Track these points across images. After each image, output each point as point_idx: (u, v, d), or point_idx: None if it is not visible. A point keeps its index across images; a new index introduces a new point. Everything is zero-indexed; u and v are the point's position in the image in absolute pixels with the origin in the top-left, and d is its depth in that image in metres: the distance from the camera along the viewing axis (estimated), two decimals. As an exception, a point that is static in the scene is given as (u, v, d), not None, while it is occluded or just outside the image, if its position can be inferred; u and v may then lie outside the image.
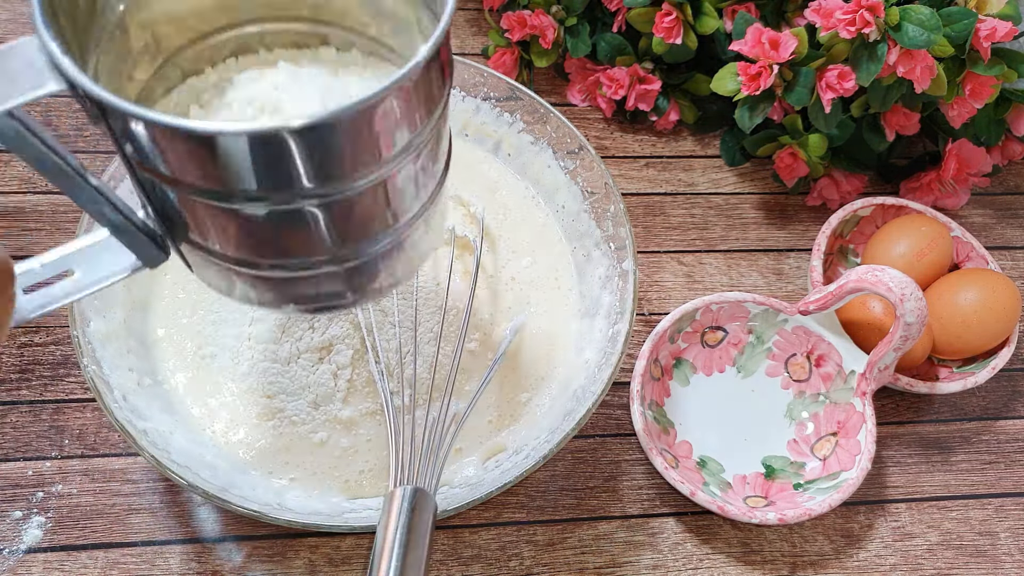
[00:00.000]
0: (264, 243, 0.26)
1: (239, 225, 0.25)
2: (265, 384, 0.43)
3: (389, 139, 0.24)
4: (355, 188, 0.25)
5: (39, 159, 0.23)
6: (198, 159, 0.22)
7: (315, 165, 0.23)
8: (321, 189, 0.24)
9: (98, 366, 0.40)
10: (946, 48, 0.49)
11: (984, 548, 0.47)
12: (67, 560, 0.42)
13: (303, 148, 0.22)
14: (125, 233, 0.27)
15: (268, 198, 0.24)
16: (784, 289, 0.56)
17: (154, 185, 0.25)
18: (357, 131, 0.23)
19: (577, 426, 0.40)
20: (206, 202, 0.24)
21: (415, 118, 0.25)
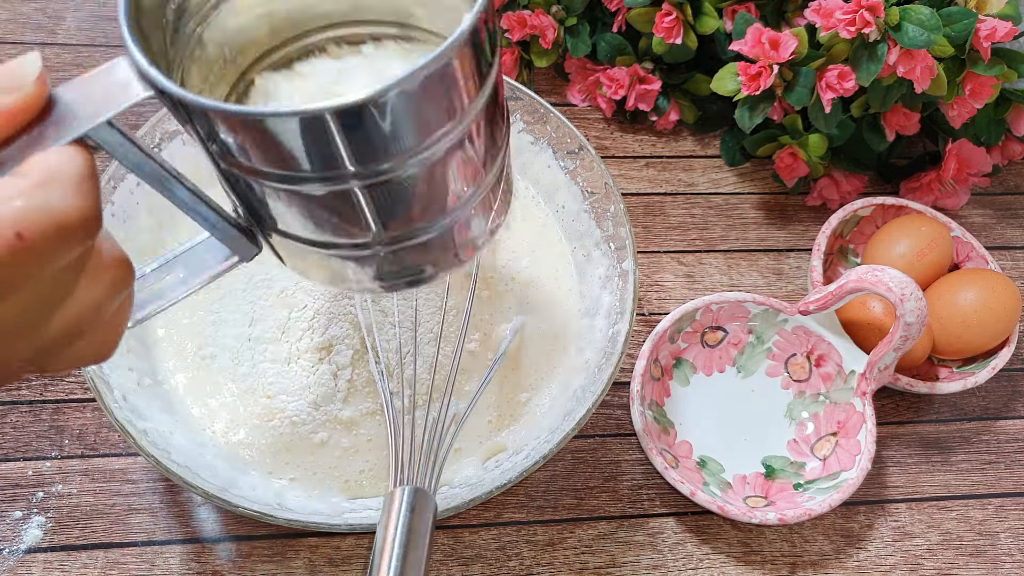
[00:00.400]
0: (346, 222, 0.28)
1: (319, 208, 0.27)
2: (265, 384, 0.43)
3: (431, 115, 0.25)
4: (409, 168, 0.26)
5: (139, 165, 0.25)
6: (269, 144, 0.24)
7: (355, 145, 0.24)
8: (378, 167, 0.25)
9: (98, 366, 0.40)
10: (946, 48, 0.49)
11: (984, 548, 0.47)
12: (67, 560, 0.42)
13: (365, 122, 0.24)
14: (220, 230, 0.29)
15: (340, 176, 0.25)
16: (784, 289, 0.56)
17: (238, 179, 0.26)
18: (420, 98, 0.24)
19: (577, 426, 0.40)
20: (285, 188, 0.26)
21: (471, 85, 0.26)
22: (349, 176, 0.25)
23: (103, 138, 0.23)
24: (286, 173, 0.25)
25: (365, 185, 0.26)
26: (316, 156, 0.24)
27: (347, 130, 0.24)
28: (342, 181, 0.26)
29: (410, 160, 0.26)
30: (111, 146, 0.24)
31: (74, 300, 0.23)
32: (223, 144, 0.25)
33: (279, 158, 0.24)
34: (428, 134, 0.26)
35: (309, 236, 0.29)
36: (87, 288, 0.23)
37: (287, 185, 0.26)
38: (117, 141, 0.24)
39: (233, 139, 0.24)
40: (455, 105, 0.26)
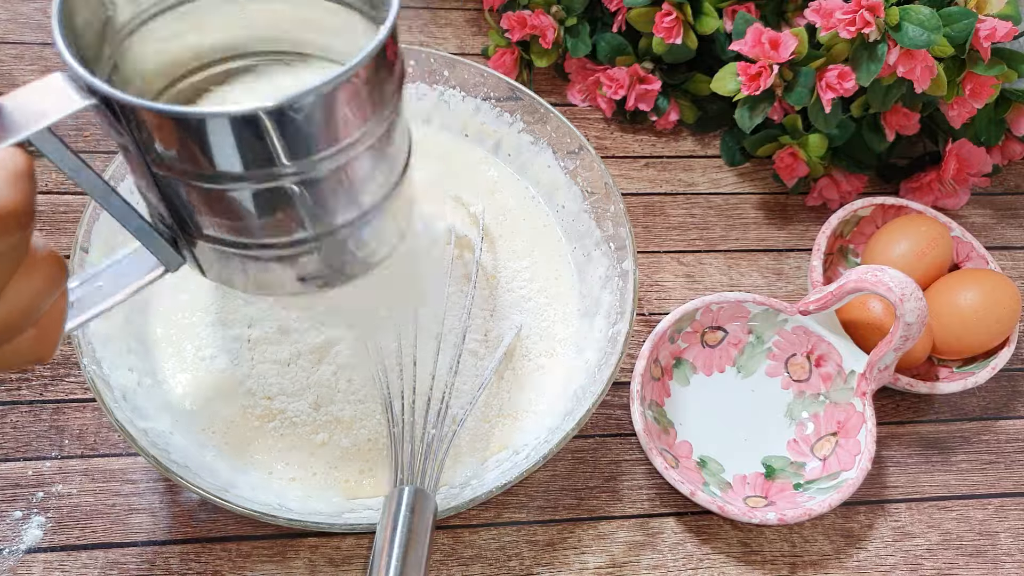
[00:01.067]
0: (262, 222, 0.30)
1: (242, 207, 0.29)
2: (265, 386, 0.43)
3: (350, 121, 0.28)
4: (322, 167, 0.29)
5: (76, 171, 0.27)
6: (197, 143, 0.26)
7: (286, 143, 0.27)
8: (294, 167, 0.28)
9: (98, 366, 0.40)
10: (946, 48, 0.49)
11: (984, 548, 0.47)
12: (67, 560, 0.42)
13: (274, 127, 0.26)
14: (147, 237, 0.31)
15: (251, 177, 0.28)
16: (784, 289, 0.56)
17: (169, 183, 0.28)
18: (317, 111, 0.27)
19: (577, 426, 0.40)
20: (213, 187, 0.28)
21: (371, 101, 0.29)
22: (276, 175, 0.28)
23: (43, 144, 0.25)
24: (215, 172, 0.27)
25: (293, 183, 0.28)
26: (245, 153, 0.27)
27: (273, 129, 0.26)
28: (267, 179, 0.28)
29: (320, 164, 0.28)
30: (50, 152, 0.25)
31: (9, 291, 0.23)
32: (158, 147, 0.27)
33: (210, 157, 0.27)
34: (335, 139, 0.28)
35: (231, 238, 0.31)
36: (21, 281, 0.24)
37: (215, 184, 0.28)
38: (56, 147, 0.25)
39: (170, 141, 0.26)
40: (347, 127, 0.28)
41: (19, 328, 0.24)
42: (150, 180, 0.29)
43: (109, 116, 0.26)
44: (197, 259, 0.33)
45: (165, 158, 0.27)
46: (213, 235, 0.31)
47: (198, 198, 0.29)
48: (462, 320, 0.44)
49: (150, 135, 0.26)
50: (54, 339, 0.27)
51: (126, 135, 0.27)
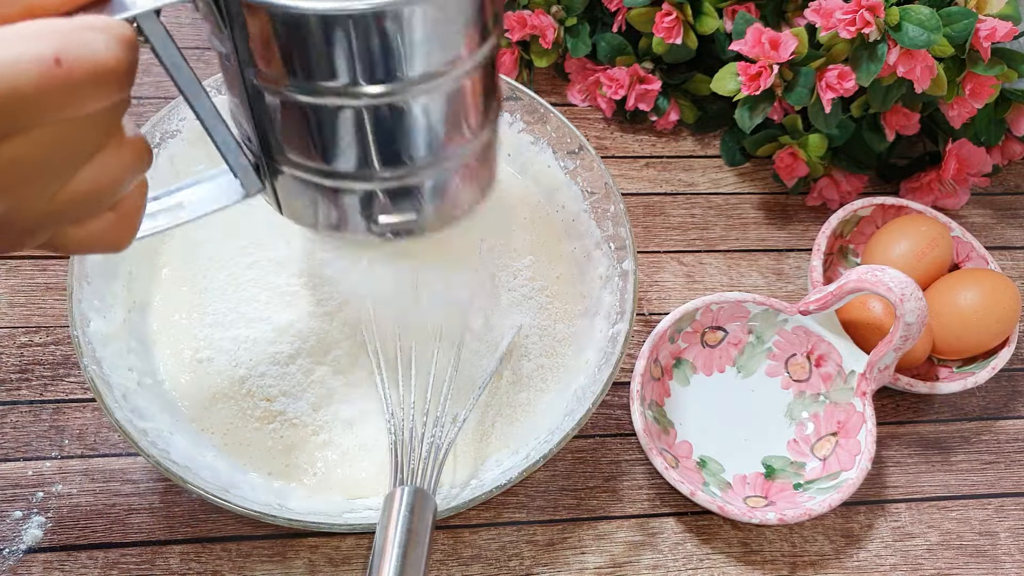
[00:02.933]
0: (350, 148, 0.29)
1: (324, 129, 0.28)
2: (264, 387, 0.43)
3: (440, 44, 0.27)
4: (411, 92, 0.28)
5: (176, 65, 0.27)
6: (304, 45, 0.26)
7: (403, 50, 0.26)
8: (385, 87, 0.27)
9: (98, 366, 0.40)
10: (946, 48, 0.49)
11: (984, 548, 0.47)
12: (67, 560, 0.42)
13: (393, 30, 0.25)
14: (232, 153, 0.31)
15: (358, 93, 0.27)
16: (784, 289, 0.56)
17: (260, 93, 0.28)
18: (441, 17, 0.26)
19: (577, 426, 0.40)
20: (304, 99, 0.27)
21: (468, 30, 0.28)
22: (362, 94, 0.27)
23: (149, 28, 0.25)
24: (313, 84, 0.27)
25: (372, 104, 0.28)
26: (342, 62, 0.26)
27: (372, 35, 0.25)
28: (356, 97, 0.27)
29: (417, 87, 0.28)
30: (155, 38, 0.25)
31: (96, 163, 0.24)
32: (260, 51, 0.26)
33: (308, 63, 0.26)
34: (438, 61, 0.27)
35: (315, 164, 0.30)
36: (109, 155, 0.24)
37: (310, 97, 0.27)
38: (161, 35, 0.26)
39: (270, 39, 0.26)
40: (464, 39, 0.28)
41: (103, 201, 0.25)
42: (243, 94, 0.29)
43: (214, 13, 0.26)
44: (275, 189, 0.32)
45: (261, 64, 0.27)
46: (296, 160, 0.30)
47: (284, 111, 0.28)
48: (462, 320, 0.44)
49: (254, 35, 0.26)
50: (132, 227, 0.27)
51: (227, 37, 0.27)
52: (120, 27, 0.22)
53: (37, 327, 0.48)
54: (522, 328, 0.47)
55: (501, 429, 0.45)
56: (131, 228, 0.27)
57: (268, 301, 0.45)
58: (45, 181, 0.23)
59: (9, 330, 0.48)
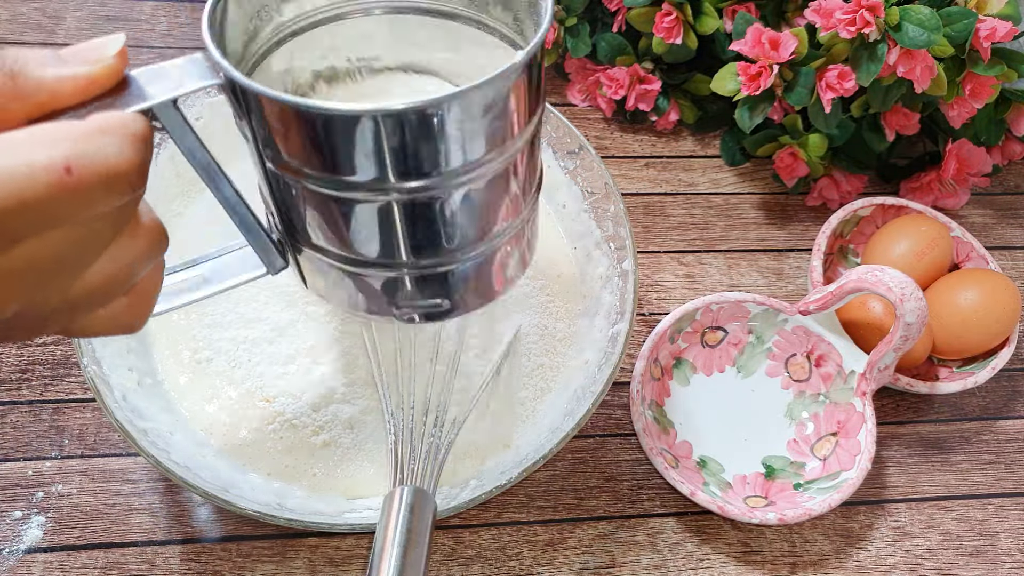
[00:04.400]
0: (371, 238, 0.29)
1: (349, 220, 0.28)
2: (263, 387, 0.43)
3: (479, 137, 0.26)
4: (447, 187, 0.27)
5: (193, 151, 0.27)
6: (326, 143, 0.25)
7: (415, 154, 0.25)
8: (418, 182, 0.26)
9: (98, 366, 0.40)
10: (946, 48, 0.49)
11: (984, 548, 0.47)
12: (67, 560, 0.42)
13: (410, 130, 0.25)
14: (254, 235, 0.30)
15: (374, 186, 0.26)
16: (784, 289, 0.56)
17: (282, 183, 0.28)
18: (477, 113, 0.25)
19: (577, 426, 0.40)
20: (328, 193, 0.27)
21: (507, 120, 0.27)
22: (389, 187, 0.26)
23: (165, 117, 0.25)
24: (332, 176, 0.26)
25: (404, 200, 0.27)
26: (367, 160, 0.25)
27: (403, 135, 0.25)
28: (384, 192, 0.26)
29: (452, 180, 0.27)
30: (171, 126, 0.25)
31: (109, 255, 0.24)
32: (278, 142, 0.26)
33: (329, 159, 0.26)
34: (474, 155, 0.26)
35: (338, 251, 0.29)
36: (123, 245, 0.24)
37: (330, 190, 0.27)
38: (178, 123, 0.26)
39: (291, 136, 0.26)
40: (503, 130, 0.27)
41: (117, 290, 0.25)
42: (265, 178, 0.28)
43: (235, 103, 0.26)
44: (299, 266, 0.32)
45: (283, 154, 0.27)
46: (317, 244, 0.30)
47: (307, 200, 0.28)
48: (462, 320, 0.44)
49: (272, 128, 0.26)
50: (147, 309, 0.27)
51: (247, 127, 0.27)
52: (135, 124, 0.22)
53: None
54: (522, 328, 0.47)
55: (501, 429, 0.45)
56: (146, 309, 0.27)
57: (267, 301, 0.45)
58: (58, 279, 0.23)
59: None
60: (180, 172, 0.47)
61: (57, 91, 0.22)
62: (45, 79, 0.22)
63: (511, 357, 0.46)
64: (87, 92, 0.23)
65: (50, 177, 0.20)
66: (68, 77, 0.22)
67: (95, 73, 0.23)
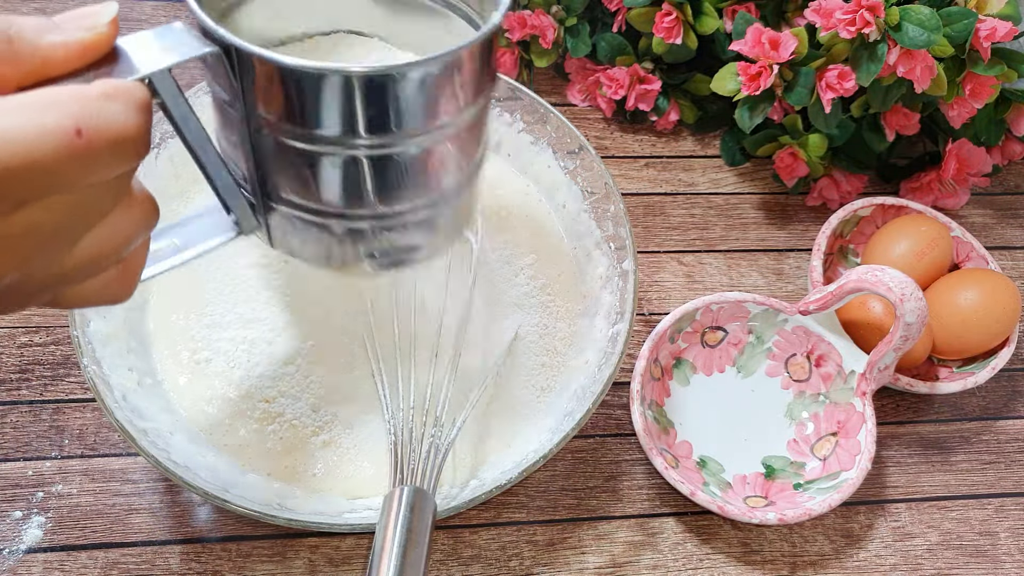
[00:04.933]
0: (342, 191, 0.30)
1: (322, 174, 0.29)
2: (263, 388, 0.43)
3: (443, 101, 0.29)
4: (411, 144, 0.29)
5: (185, 119, 0.27)
6: (306, 99, 0.27)
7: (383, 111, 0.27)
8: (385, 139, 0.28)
9: (98, 366, 0.40)
10: (946, 48, 0.49)
11: (984, 548, 0.47)
12: (67, 560, 0.42)
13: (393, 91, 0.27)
14: (231, 193, 0.32)
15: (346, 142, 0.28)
16: (784, 289, 0.56)
17: (261, 137, 0.29)
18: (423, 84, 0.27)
19: (577, 426, 0.40)
20: (305, 147, 0.28)
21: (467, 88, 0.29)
22: (359, 144, 0.28)
23: (162, 85, 0.25)
24: (311, 132, 0.28)
25: (369, 154, 0.29)
26: (340, 115, 0.27)
27: (370, 94, 0.26)
28: (352, 147, 0.28)
29: (411, 137, 0.29)
30: (167, 94, 0.26)
31: (105, 225, 0.24)
32: (265, 98, 0.27)
33: (311, 114, 0.27)
34: (431, 116, 0.28)
35: (309, 204, 0.31)
36: (119, 216, 0.24)
37: (308, 145, 0.28)
38: (172, 91, 0.26)
39: (279, 92, 0.27)
40: (463, 95, 0.29)
41: (110, 261, 0.25)
42: (245, 139, 0.29)
43: (224, 67, 0.27)
44: (269, 225, 0.33)
45: (268, 114, 0.28)
46: (293, 200, 0.31)
47: (285, 158, 0.29)
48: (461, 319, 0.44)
49: (263, 89, 0.27)
50: (134, 280, 0.27)
51: (236, 89, 0.27)
52: (138, 92, 0.22)
53: (37, 327, 0.48)
54: (522, 327, 0.47)
55: (501, 429, 0.45)
56: (133, 280, 0.27)
57: (267, 301, 0.45)
58: (56, 247, 0.23)
59: (9, 330, 0.48)
60: (179, 173, 0.47)
61: (50, 57, 0.22)
62: (40, 45, 0.22)
63: (511, 357, 0.46)
64: (80, 59, 0.23)
65: (60, 139, 0.20)
66: (61, 43, 0.22)
67: (88, 40, 0.23)
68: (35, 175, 0.20)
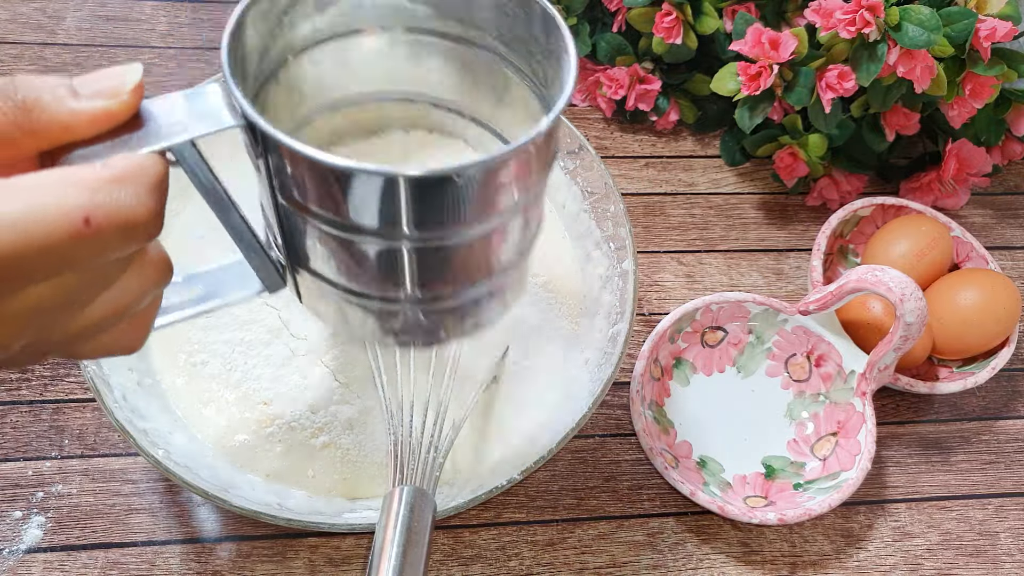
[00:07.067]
0: (377, 276, 0.29)
1: (356, 258, 0.28)
2: (261, 390, 0.43)
3: (497, 197, 0.27)
4: (460, 238, 0.28)
5: (209, 187, 0.26)
6: (340, 194, 0.25)
7: (420, 212, 0.26)
8: (432, 234, 0.27)
9: (98, 366, 0.40)
10: (946, 48, 0.49)
11: (984, 548, 0.47)
12: (67, 560, 0.42)
13: (416, 194, 0.25)
14: (256, 257, 0.31)
15: (376, 235, 0.27)
16: (784, 289, 0.56)
17: (291, 216, 0.28)
18: (473, 187, 0.26)
19: (577, 426, 0.40)
20: (337, 234, 0.27)
21: (523, 182, 0.28)
22: (402, 237, 0.27)
23: (184, 155, 0.25)
24: (345, 223, 0.26)
25: (413, 248, 0.27)
26: (380, 214, 0.26)
27: (418, 197, 0.25)
28: (394, 240, 0.27)
29: (461, 232, 0.27)
30: (189, 164, 0.25)
31: (115, 290, 0.24)
32: (291, 182, 0.26)
33: (345, 208, 0.26)
34: (484, 213, 0.27)
35: (341, 282, 0.30)
36: (129, 280, 0.24)
37: (341, 232, 0.27)
38: (195, 161, 0.25)
39: (305, 181, 0.25)
40: (514, 190, 0.27)
41: (121, 319, 0.25)
42: (272, 205, 0.28)
43: (251, 142, 0.26)
44: (298, 286, 0.32)
45: (293, 193, 0.26)
46: (319, 272, 0.30)
47: (316, 237, 0.28)
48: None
49: (289, 172, 0.26)
50: (144, 332, 0.27)
51: (262, 161, 0.26)
52: (153, 168, 0.22)
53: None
54: (522, 327, 0.47)
55: (501, 429, 0.45)
56: (144, 331, 0.27)
57: (262, 302, 0.45)
58: (66, 316, 0.23)
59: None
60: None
61: (71, 125, 0.22)
62: (60, 114, 0.22)
63: (511, 357, 0.46)
64: (102, 126, 0.22)
65: (68, 228, 0.20)
66: (84, 111, 0.22)
67: (112, 108, 0.22)
68: (43, 259, 0.20)
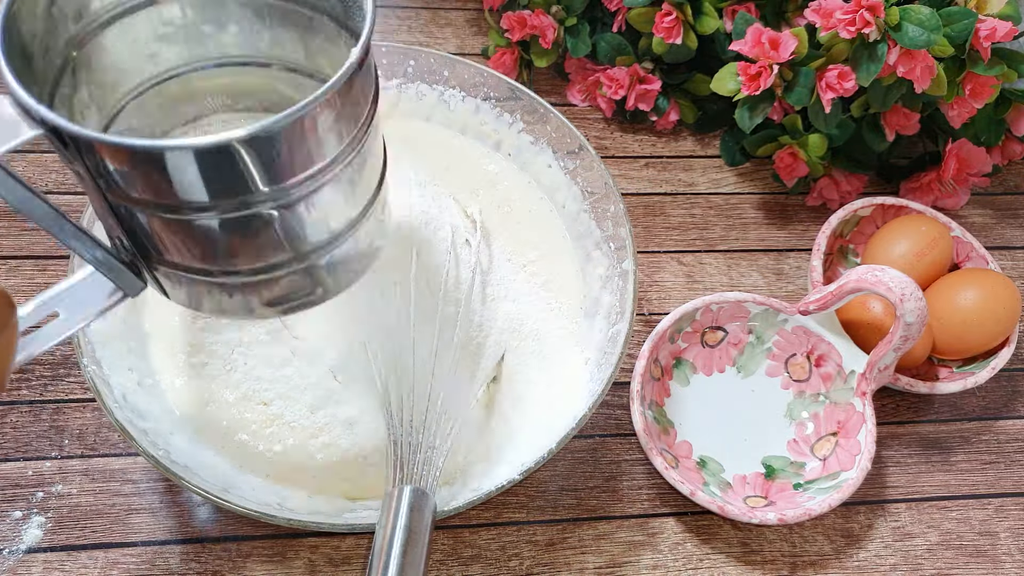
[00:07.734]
0: (228, 250, 0.29)
1: (202, 236, 0.28)
2: (260, 390, 0.43)
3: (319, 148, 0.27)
4: (296, 193, 0.28)
5: (25, 203, 0.25)
6: (159, 175, 0.25)
7: (260, 172, 0.26)
8: (268, 194, 0.27)
9: (98, 366, 0.40)
10: (946, 48, 0.49)
11: (984, 548, 0.47)
12: (67, 560, 0.42)
13: (248, 157, 0.25)
14: (106, 265, 0.30)
15: (220, 206, 0.27)
16: (784, 289, 0.56)
17: (126, 211, 0.27)
18: (292, 139, 0.26)
19: (577, 426, 0.40)
20: (172, 217, 0.27)
21: (354, 109, 0.28)
22: (264, 200, 0.27)
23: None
24: (178, 202, 0.26)
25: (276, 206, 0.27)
26: (211, 183, 0.25)
27: (260, 154, 0.25)
28: (231, 209, 0.27)
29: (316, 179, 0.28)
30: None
31: None
32: (115, 178, 0.25)
33: (173, 187, 0.25)
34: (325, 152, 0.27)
35: (194, 264, 0.29)
36: None
37: (176, 215, 0.27)
38: (1, 179, 0.24)
39: (127, 172, 0.25)
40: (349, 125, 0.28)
41: None
42: (106, 207, 0.27)
43: (60, 148, 0.25)
44: (160, 283, 0.32)
45: (122, 188, 0.26)
46: (176, 262, 0.29)
47: (159, 227, 0.28)
48: (460, 317, 0.44)
49: (106, 167, 0.25)
50: (4, 372, 0.26)
51: (79, 164, 0.25)
52: None
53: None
54: (523, 326, 0.47)
55: (500, 429, 0.45)
56: (3, 372, 0.26)
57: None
58: None
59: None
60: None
61: None
62: None
63: (511, 357, 0.46)
64: None
65: None
66: None
67: None
68: None
